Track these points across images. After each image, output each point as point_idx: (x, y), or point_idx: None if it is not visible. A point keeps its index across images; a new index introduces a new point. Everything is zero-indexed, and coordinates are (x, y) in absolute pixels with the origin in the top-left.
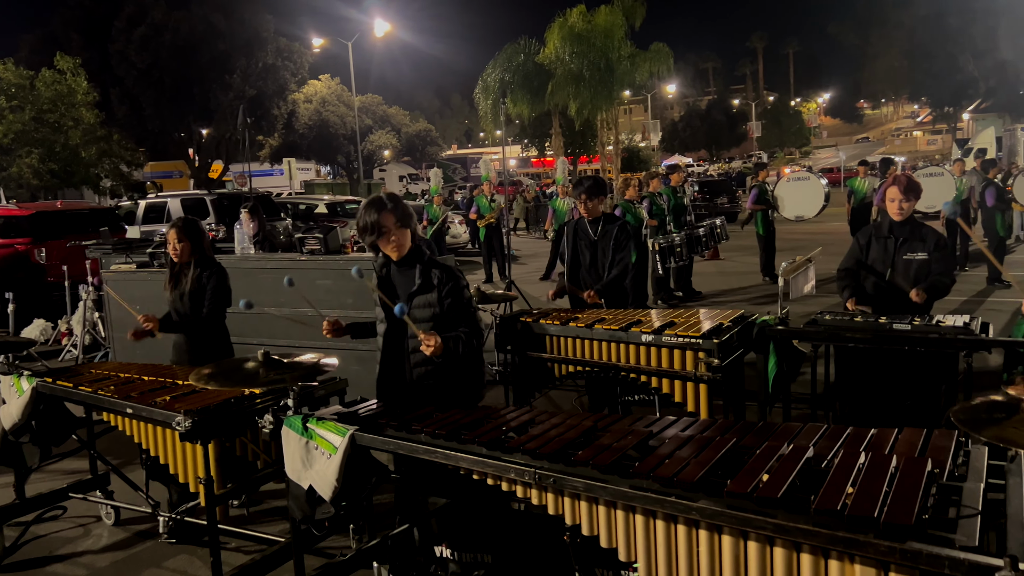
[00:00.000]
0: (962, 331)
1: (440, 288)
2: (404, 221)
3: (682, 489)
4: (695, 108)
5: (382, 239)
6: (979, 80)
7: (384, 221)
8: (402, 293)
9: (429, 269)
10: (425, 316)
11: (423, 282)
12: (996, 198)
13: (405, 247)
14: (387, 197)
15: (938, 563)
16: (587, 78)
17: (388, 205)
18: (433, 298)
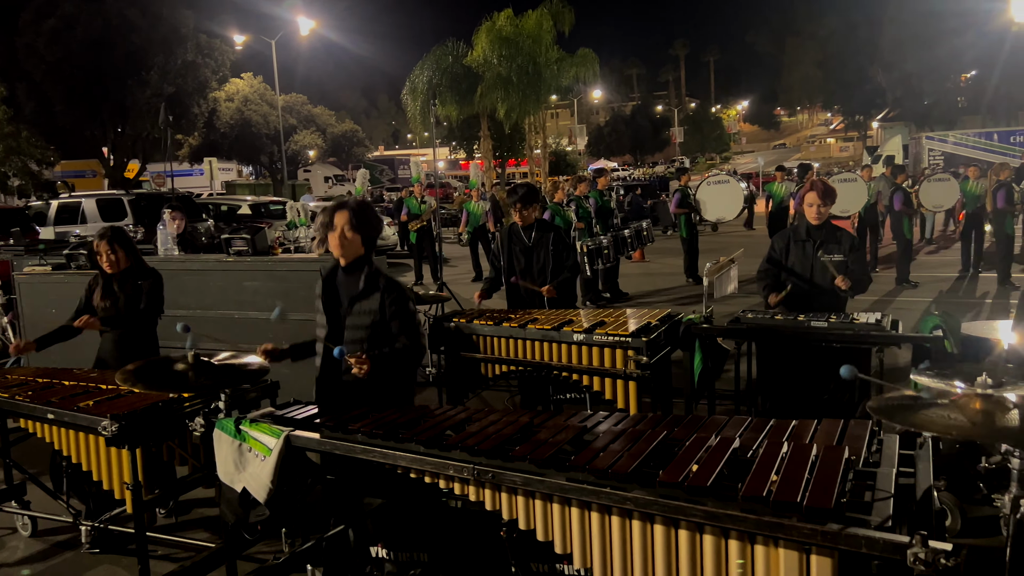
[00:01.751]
0: (874, 328)
1: (384, 296)
2: (360, 226)
3: (616, 480)
4: (620, 113)
5: (330, 234)
6: (887, 90)
7: (337, 219)
8: (345, 297)
9: (376, 277)
10: (364, 323)
11: (366, 287)
12: (903, 203)
13: (351, 251)
14: (354, 200)
15: (855, 543)
16: (515, 82)
17: (348, 205)
18: (375, 305)
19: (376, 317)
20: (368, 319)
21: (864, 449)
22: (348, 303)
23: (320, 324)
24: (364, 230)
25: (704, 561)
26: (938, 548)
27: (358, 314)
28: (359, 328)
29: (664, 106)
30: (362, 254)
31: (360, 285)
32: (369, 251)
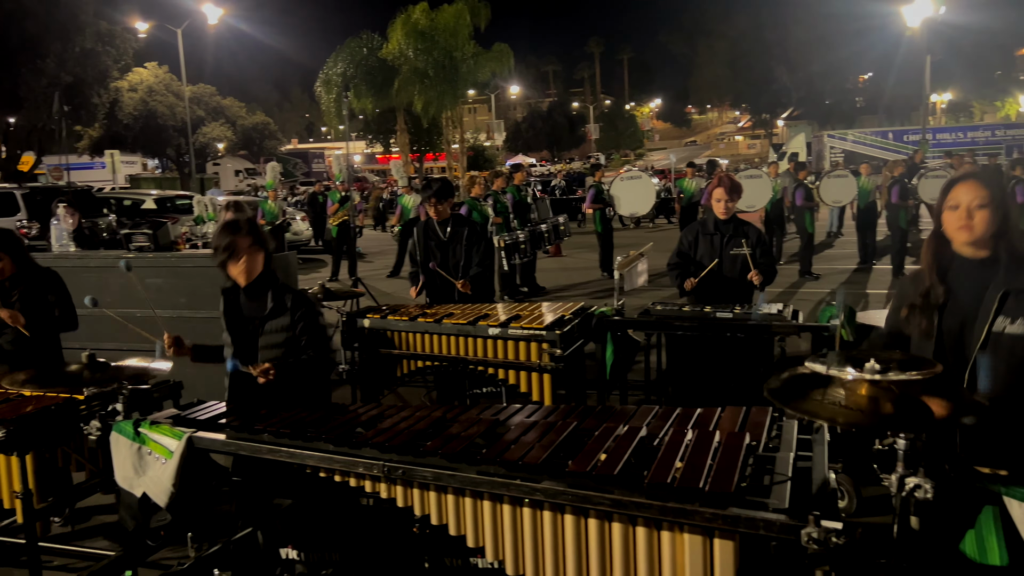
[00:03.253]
0: (776, 318)
1: (293, 312)
2: (260, 243)
3: (527, 472)
4: (537, 109)
5: (232, 259)
6: (792, 90)
7: (241, 243)
8: (252, 317)
9: (282, 294)
10: (278, 340)
11: (275, 307)
12: (805, 198)
13: (255, 271)
14: (242, 221)
15: (754, 525)
16: (432, 75)
17: (241, 227)
18: (285, 322)
19: (289, 334)
20: (281, 337)
21: (764, 434)
22: (259, 323)
23: (226, 343)
24: (264, 246)
25: (613, 549)
26: (830, 527)
27: (270, 333)
28: (273, 347)
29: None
30: (261, 271)
31: (268, 305)
32: (268, 266)
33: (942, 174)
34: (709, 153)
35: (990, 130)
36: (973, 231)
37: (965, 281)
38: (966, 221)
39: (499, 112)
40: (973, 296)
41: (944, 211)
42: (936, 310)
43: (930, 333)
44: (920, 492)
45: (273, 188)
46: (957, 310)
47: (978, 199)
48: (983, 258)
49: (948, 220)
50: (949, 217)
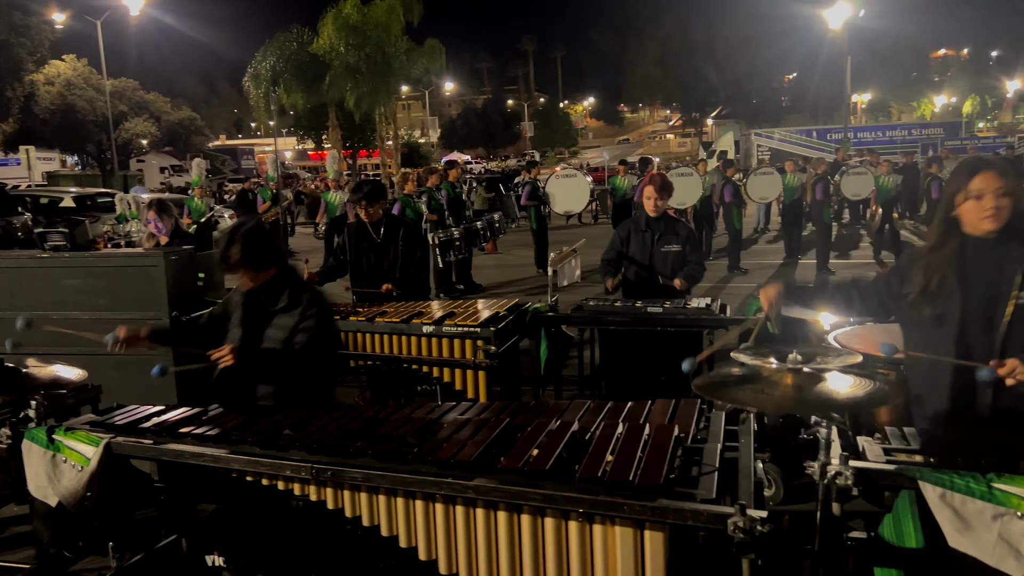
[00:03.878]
0: (705, 312)
1: (304, 312)
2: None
3: (459, 470)
4: (472, 106)
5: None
6: (720, 89)
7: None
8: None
9: (299, 293)
10: (281, 336)
11: (289, 303)
12: (733, 195)
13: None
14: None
15: (682, 516)
16: (365, 71)
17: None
18: (293, 320)
19: (289, 333)
20: (284, 333)
21: (693, 426)
22: (268, 316)
23: (234, 339)
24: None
25: (546, 544)
26: (755, 516)
27: (276, 327)
28: (274, 341)
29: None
30: (275, 272)
31: (283, 302)
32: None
33: (862, 171)
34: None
35: (907, 129)
36: (1000, 219)
37: (979, 260)
38: (994, 211)
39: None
40: (990, 274)
41: (967, 201)
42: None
43: (947, 318)
44: (841, 479)
45: (199, 185)
46: (979, 285)
47: (1001, 188)
48: (994, 237)
49: (971, 209)
50: (973, 207)
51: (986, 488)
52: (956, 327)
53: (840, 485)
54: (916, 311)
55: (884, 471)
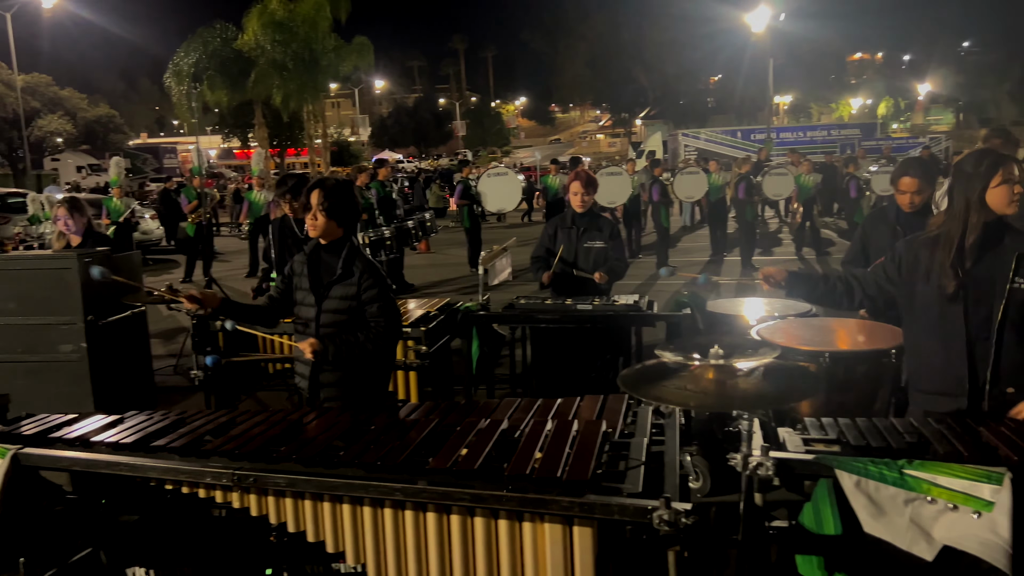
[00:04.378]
0: (632, 308)
1: (361, 280)
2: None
3: (387, 472)
4: (403, 105)
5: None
6: (648, 90)
7: (312, 198)
8: (324, 277)
9: (353, 259)
10: (341, 307)
11: (344, 271)
12: (660, 194)
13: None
14: (332, 179)
15: (609, 510)
16: (291, 68)
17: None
18: (352, 290)
19: (353, 302)
20: (345, 304)
21: (621, 421)
22: (326, 287)
23: (307, 304)
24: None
25: (476, 543)
26: (679, 509)
27: (334, 298)
28: (336, 312)
29: (447, 99)
30: (340, 235)
31: (339, 268)
32: (348, 232)
33: (783, 171)
34: (572, 151)
35: (826, 130)
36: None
37: (982, 244)
38: (1019, 199)
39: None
40: (988, 256)
41: (1000, 185)
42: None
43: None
44: (762, 470)
45: (118, 184)
46: (980, 268)
47: (1016, 179)
48: (993, 223)
49: (1003, 193)
50: (1004, 191)
51: (898, 474)
52: (959, 310)
53: (761, 476)
54: (918, 296)
55: (803, 461)
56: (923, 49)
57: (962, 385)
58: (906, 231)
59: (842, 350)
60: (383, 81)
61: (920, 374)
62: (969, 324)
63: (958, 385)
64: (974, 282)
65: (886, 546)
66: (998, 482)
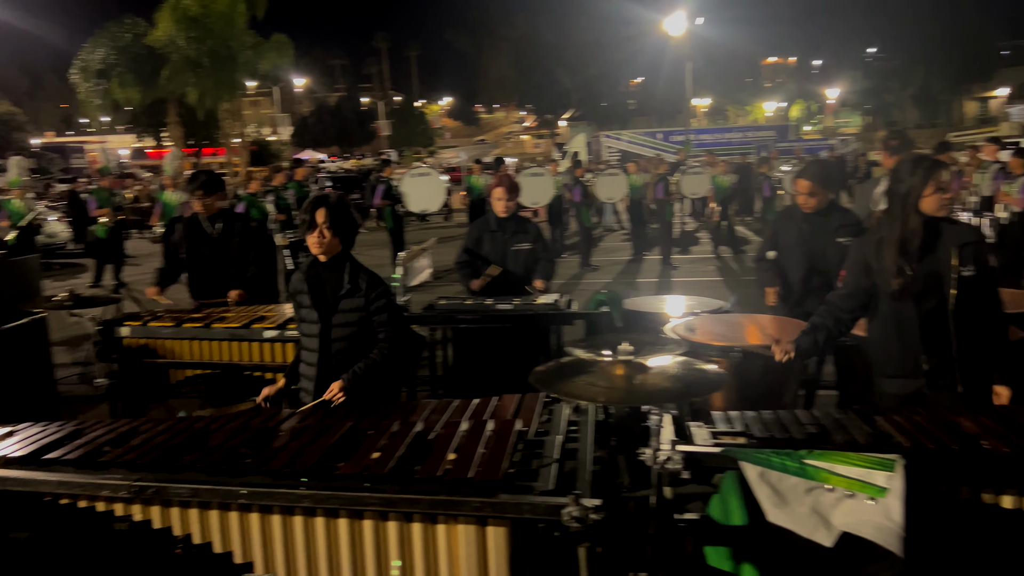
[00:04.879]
0: (552, 308)
1: (368, 292)
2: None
3: (295, 479)
4: (325, 104)
5: (310, 233)
6: (571, 92)
7: (317, 216)
8: (329, 293)
9: (358, 273)
10: (352, 320)
11: (352, 285)
12: (582, 195)
13: (333, 250)
14: (337, 198)
15: (519, 509)
16: (207, 65)
17: (329, 201)
18: (360, 303)
19: (363, 314)
20: (355, 316)
21: (536, 420)
22: (334, 301)
23: (310, 320)
24: (341, 231)
25: (389, 547)
26: (588, 505)
27: (344, 312)
28: (347, 326)
29: (370, 98)
30: (340, 251)
31: (345, 282)
32: (347, 247)
33: (699, 171)
34: (498, 152)
35: (743, 132)
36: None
37: (924, 241)
38: (950, 201)
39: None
40: (931, 248)
41: (933, 192)
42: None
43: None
44: (671, 463)
45: (19, 185)
46: (926, 260)
47: (947, 184)
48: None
49: (934, 201)
50: (936, 199)
51: (799, 465)
52: (910, 302)
53: (670, 469)
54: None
55: (710, 454)
56: (832, 55)
57: (919, 368)
58: (812, 228)
59: (752, 345)
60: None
61: (881, 360)
62: (922, 314)
63: (915, 368)
64: (924, 276)
65: (789, 534)
66: (891, 469)
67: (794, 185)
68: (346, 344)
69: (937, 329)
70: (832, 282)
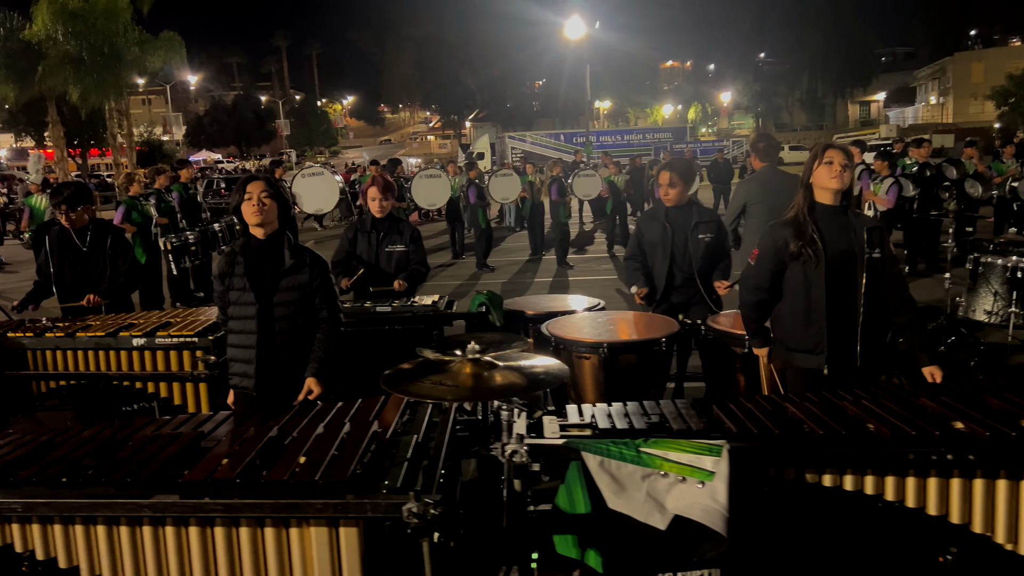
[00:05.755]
0: (430, 309)
1: (311, 270)
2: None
3: (140, 488)
4: (222, 103)
5: (245, 203)
6: (476, 93)
7: (252, 188)
8: (268, 272)
9: (302, 251)
10: (293, 298)
11: (296, 262)
12: (477, 196)
13: (272, 223)
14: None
15: (363, 508)
16: (89, 62)
17: (262, 175)
18: (304, 279)
19: (306, 291)
20: (297, 294)
21: (396, 420)
22: (272, 279)
23: (244, 303)
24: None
25: (242, 554)
26: (428, 501)
27: (285, 290)
28: (288, 304)
29: (269, 97)
30: (277, 228)
31: (287, 258)
32: (284, 224)
33: (591, 173)
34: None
35: (642, 133)
36: (843, 182)
37: (829, 223)
38: (839, 174)
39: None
40: (839, 233)
41: (820, 166)
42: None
43: (817, 264)
44: (518, 456)
45: None
46: (833, 244)
47: (845, 160)
48: (836, 206)
49: (823, 172)
50: (825, 170)
51: (635, 453)
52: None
53: (518, 462)
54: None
55: (555, 446)
56: (725, 59)
57: (821, 345)
58: (672, 226)
59: (619, 340)
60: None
61: (786, 335)
62: (830, 292)
63: (817, 345)
64: (832, 259)
65: (627, 520)
66: (718, 453)
67: (657, 177)
68: (289, 323)
69: (841, 308)
70: (693, 277)
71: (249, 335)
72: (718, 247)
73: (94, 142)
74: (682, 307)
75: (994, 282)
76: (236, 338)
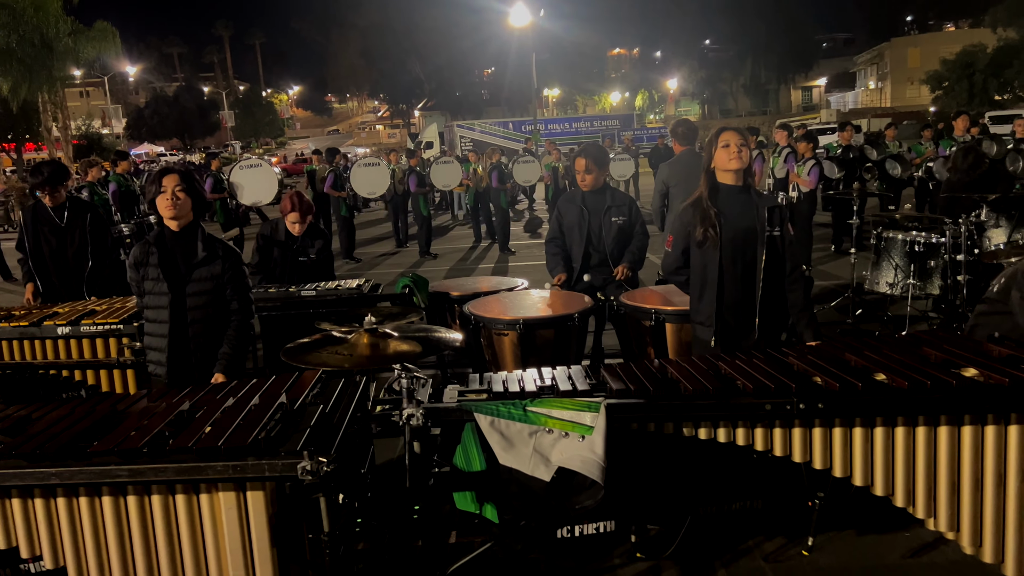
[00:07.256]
0: (355, 291)
1: (224, 262)
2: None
3: (49, 460)
4: (163, 95)
5: (160, 197)
6: (424, 81)
7: (167, 182)
8: (182, 263)
9: (214, 243)
10: (206, 288)
11: (208, 254)
12: (417, 184)
13: (186, 216)
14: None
15: (261, 469)
16: (19, 53)
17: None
18: (216, 271)
19: (219, 282)
20: (210, 285)
21: (307, 391)
22: (185, 270)
23: (158, 292)
24: (195, 194)
25: (155, 521)
26: (321, 460)
27: (198, 280)
28: (201, 295)
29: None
30: (191, 220)
31: (200, 250)
32: (198, 216)
33: (529, 160)
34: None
35: (590, 121)
36: (742, 161)
37: (733, 203)
38: (737, 154)
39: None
40: (741, 212)
41: (718, 150)
42: (718, 225)
43: (716, 244)
44: (414, 420)
45: None
46: (735, 223)
47: (741, 141)
48: (739, 186)
49: (722, 155)
50: (723, 153)
51: (522, 412)
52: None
53: (414, 425)
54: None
55: (449, 408)
56: (671, 46)
57: (711, 319)
58: (588, 209)
59: (535, 317)
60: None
61: (692, 308)
62: (728, 269)
63: (708, 318)
64: (740, 233)
65: (517, 474)
66: (596, 410)
67: (574, 163)
68: (201, 314)
69: (740, 283)
70: (607, 258)
71: (162, 324)
72: (630, 229)
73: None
74: (600, 287)
75: (895, 256)
76: (151, 327)
